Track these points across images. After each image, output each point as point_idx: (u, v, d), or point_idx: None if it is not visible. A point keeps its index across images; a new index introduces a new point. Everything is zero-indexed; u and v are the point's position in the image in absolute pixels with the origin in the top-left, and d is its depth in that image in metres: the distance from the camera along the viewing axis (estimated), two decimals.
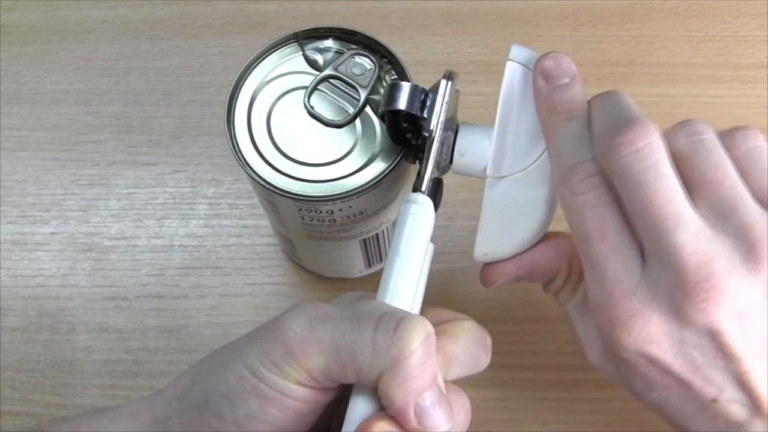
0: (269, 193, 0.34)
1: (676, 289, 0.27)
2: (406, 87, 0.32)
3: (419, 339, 0.26)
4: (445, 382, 0.29)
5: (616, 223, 0.29)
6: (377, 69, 0.35)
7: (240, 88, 0.35)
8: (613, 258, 0.29)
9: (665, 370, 0.29)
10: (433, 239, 0.31)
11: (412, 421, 0.26)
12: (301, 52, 0.36)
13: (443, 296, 0.45)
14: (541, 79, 0.32)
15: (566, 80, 0.31)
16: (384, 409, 0.27)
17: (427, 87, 0.33)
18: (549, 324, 0.43)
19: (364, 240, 0.39)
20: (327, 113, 0.35)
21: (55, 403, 0.43)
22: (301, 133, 0.35)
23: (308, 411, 0.28)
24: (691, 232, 0.27)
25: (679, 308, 0.27)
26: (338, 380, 0.28)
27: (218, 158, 0.49)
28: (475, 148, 0.33)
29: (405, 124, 0.33)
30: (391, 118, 0.33)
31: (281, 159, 0.34)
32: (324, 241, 0.38)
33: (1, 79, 0.52)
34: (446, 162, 0.34)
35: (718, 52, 0.52)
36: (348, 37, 0.36)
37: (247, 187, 0.48)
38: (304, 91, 0.35)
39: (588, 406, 0.42)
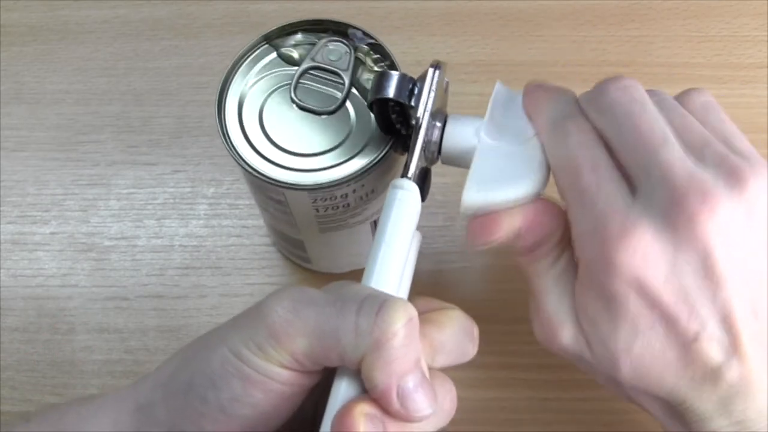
0: (281, 192, 0.34)
1: (668, 202, 0.28)
2: (394, 76, 0.33)
3: (402, 321, 0.26)
4: (431, 369, 0.29)
5: (607, 160, 0.30)
6: (353, 51, 0.36)
7: (225, 100, 0.36)
8: (604, 186, 0.29)
9: (654, 302, 0.29)
10: (434, 239, 0.31)
11: (395, 404, 0.26)
12: (275, 52, 0.37)
13: (443, 296, 0.44)
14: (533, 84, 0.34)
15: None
16: (367, 392, 0.27)
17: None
18: None
19: (375, 221, 0.39)
20: (316, 103, 0.35)
21: (55, 403, 0.43)
22: (296, 127, 0.35)
23: (292, 394, 0.28)
24: (677, 150, 0.29)
25: (673, 221, 0.28)
26: (322, 363, 0.28)
27: (218, 158, 0.49)
28: (463, 139, 0.33)
29: (394, 114, 0.33)
30: (380, 107, 0.33)
31: (285, 156, 0.34)
32: (337, 231, 0.39)
33: (1, 79, 0.52)
34: (434, 153, 0.34)
35: (718, 52, 0.52)
36: (316, 28, 0.37)
37: (247, 187, 0.48)
38: (288, 87, 0.36)
39: (588, 406, 0.42)
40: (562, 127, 0.31)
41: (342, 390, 0.27)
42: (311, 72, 0.36)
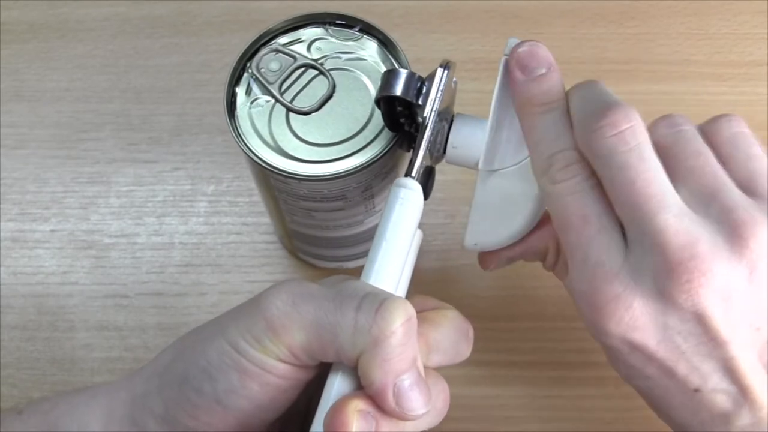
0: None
1: (660, 270, 0.27)
2: (402, 74, 0.33)
3: (401, 320, 0.26)
4: (425, 368, 0.29)
5: (598, 207, 0.29)
6: (279, 49, 0.36)
7: (243, 139, 0.35)
8: (595, 242, 0.29)
9: (649, 358, 0.28)
10: (434, 236, 0.31)
11: (390, 402, 0.26)
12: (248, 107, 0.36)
13: (443, 293, 0.44)
14: (517, 70, 0.31)
15: (543, 71, 0.31)
16: (362, 388, 0.27)
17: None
18: (550, 321, 0.43)
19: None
20: (319, 95, 0.35)
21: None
22: (327, 120, 0.35)
23: (288, 387, 0.28)
24: (674, 213, 0.27)
25: (664, 290, 0.27)
26: (319, 358, 0.28)
27: (218, 156, 0.49)
28: (469, 139, 0.33)
29: (400, 111, 0.33)
30: (387, 104, 0.33)
31: (342, 147, 0.34)
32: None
33: (1, 77, 0.52)
34: (440, 152, 0.34)
35: (719, 49, 0.52)
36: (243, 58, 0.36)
37: (247, 184, 0.48)
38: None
39: (588, 403, 0.42)
40: (550, 171, 0.30)
41: (336, 385, 0.28)
42: (283, 91, 0.35)
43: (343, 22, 0.37)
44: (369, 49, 0.36)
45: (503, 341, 0.43)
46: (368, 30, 0.37)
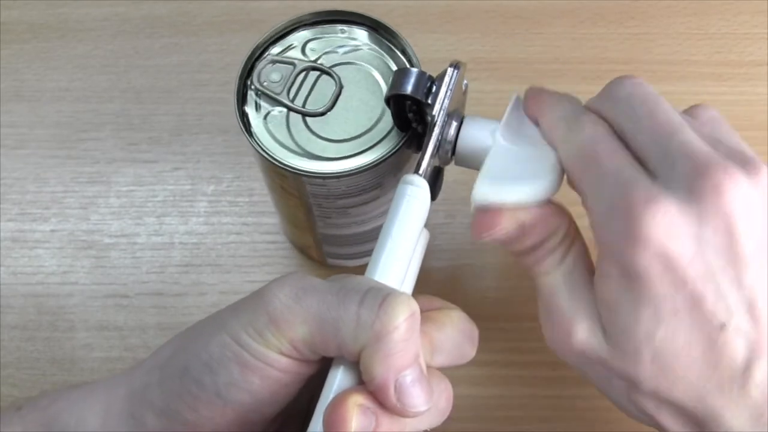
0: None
1: (691, 174, 0.28)
2: (412, 73, 0.33)
3: (404, 315, 0.26)
4: (429, 367, 0.29)
5: (624, 149, 0.30)
6: (280, 58, 0.36)
7: (270, 154, 0.34)
8: (625, 169, 0.29)
9: (680, 282, 0.27)
10: (434, 236, 0.31)
11: (392, 398, 0.26)
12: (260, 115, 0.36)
13: (444, 293, 0.44)
14: (536, 88, 0.34)
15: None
16: (362, 383, 0.27)
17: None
18: None
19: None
20: (329, 93, 0.35)
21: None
22: (345, 115, 0.35)
23: (289, 382, 0.28)
24: (695, 134, 0.29)
25: (697, 191, 0.27)
26: (320, 352, 0.28)
27: (218, 156, 0.49)
28: (478, 141, 0.33)
29: (410, 111, 0.33)
30: (397, 103, 0.33)
31: (365, 139, 0.34)
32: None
33: (1, 77, 0.52)
34: (448, 153, 0.34)
35: (718, 49, 0.52)
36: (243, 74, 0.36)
37: (247, 184, 0.48)
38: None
39: (588, 403, 0.42)
40: (576, 122, 0.31)
41: (337, 379, 0.28)
42: (293, 98, 0.35)
43: (327, 18, 0.37)
44: (360, 37, 0.37)
45: (504, 341, 0.43)
46: (353, 20, 0.37)
